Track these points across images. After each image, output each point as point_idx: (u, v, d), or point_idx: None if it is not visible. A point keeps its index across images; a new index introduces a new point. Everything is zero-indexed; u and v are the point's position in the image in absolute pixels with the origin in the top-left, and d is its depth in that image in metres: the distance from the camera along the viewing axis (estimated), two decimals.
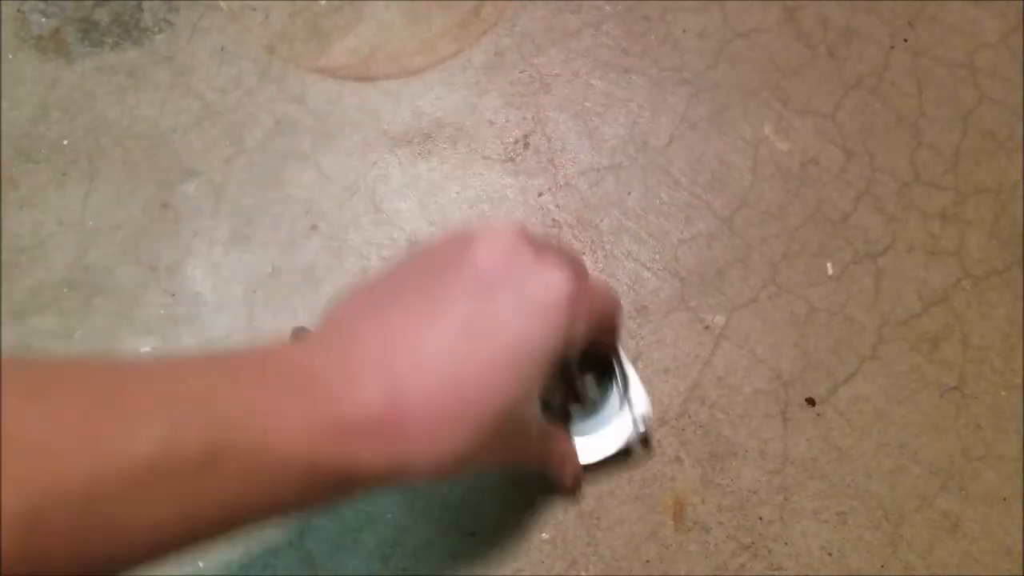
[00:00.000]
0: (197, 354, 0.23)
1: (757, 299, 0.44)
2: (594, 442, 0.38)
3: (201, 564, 0.41)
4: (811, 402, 0.43)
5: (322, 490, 0.23)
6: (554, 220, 0.46)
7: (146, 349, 0.44)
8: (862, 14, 0.50)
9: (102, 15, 0.50)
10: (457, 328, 0.25)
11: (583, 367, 0.39)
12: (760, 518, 0.41)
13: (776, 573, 0.40)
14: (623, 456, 0.40)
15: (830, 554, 0.40)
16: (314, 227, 0.46)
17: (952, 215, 0.46)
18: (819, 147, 0.47)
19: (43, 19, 0.50)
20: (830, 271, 0.45)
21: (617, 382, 0.39)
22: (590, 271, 0.39)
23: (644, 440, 0.41)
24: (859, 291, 0.44)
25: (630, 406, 0.38)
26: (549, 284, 0.27)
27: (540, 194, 0.46)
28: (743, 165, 0.46)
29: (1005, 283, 0.45)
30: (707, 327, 0.44)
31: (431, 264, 0.28)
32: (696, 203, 0.46)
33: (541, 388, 0.28)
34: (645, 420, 0.38)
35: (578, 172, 0.47)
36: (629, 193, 0.46)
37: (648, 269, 0.45)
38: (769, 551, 0.40)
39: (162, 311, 0.44)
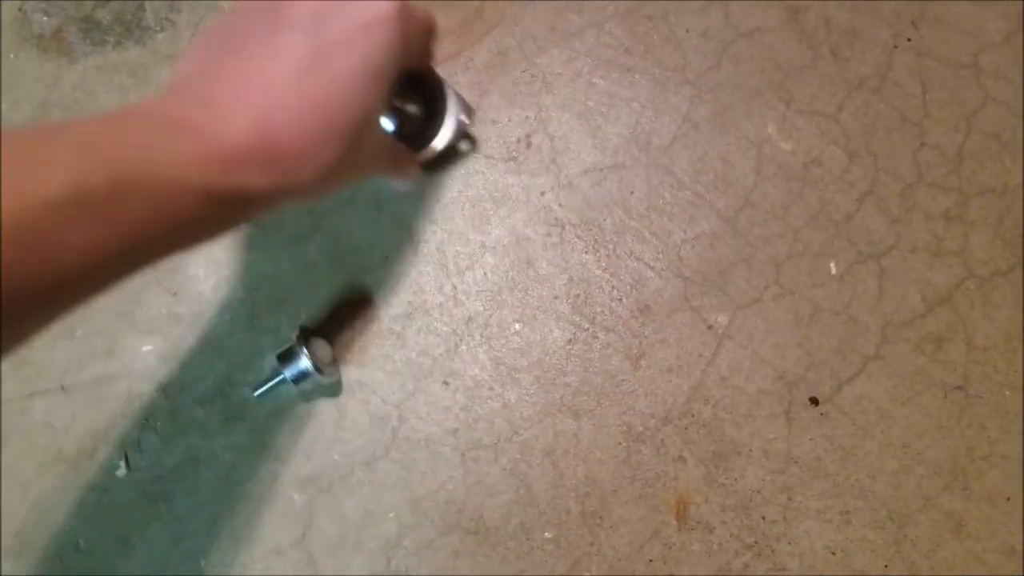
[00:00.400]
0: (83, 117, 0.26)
1: (761, 299, 0.44)
2: (427, 146, 0.43)
3: (203, 563, 0.41)
4: (815, 402, 0.43)
5: (220, 211, 0.26)
6: (557, 219, 0.46)
7: (147, 348, 0.44)
8: (865, 14, 0.50)
9: (104, 14, 0.50)
10: (303, 58, 0.28)
11: (406, 91, 0.41)
12: (763, 518, 0.41)
13: (780, 573, 0.40)
14: (453, 155, 0.46)
15: (834, 554, 0.40)
16: (316, 228, 0.46)
17: (956, 216, 0.46)
18: (822, 147, 0.47)
19: (45, 18, 0.50)
20: (834, 271, 0.45)
21: (437, 98, 0.43)
22: None
23: (466, 136, 0.46)
24: (863, 291, 0.44)
25: (450, 110, 0.43)
26: (374, 5, 0.30)
27: (543, 193, 0.46)
28: (746, 165, 0.47)
29: (1009, 284, 0.45)
30: (711, 327, 0.44)
31: (264, 8, 0.30)
32: (699, 203, 0.46)
33: (385, 100, 0.31)
34: (468, 116, 0.43)
35: (581, 171, 0.47)
36: (632, 193, 0.46)
37: (651, 269, 0.45)
38: (772, 551, 0.40)
39: (164, 310, 0.44)
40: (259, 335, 0.44)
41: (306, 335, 0.42)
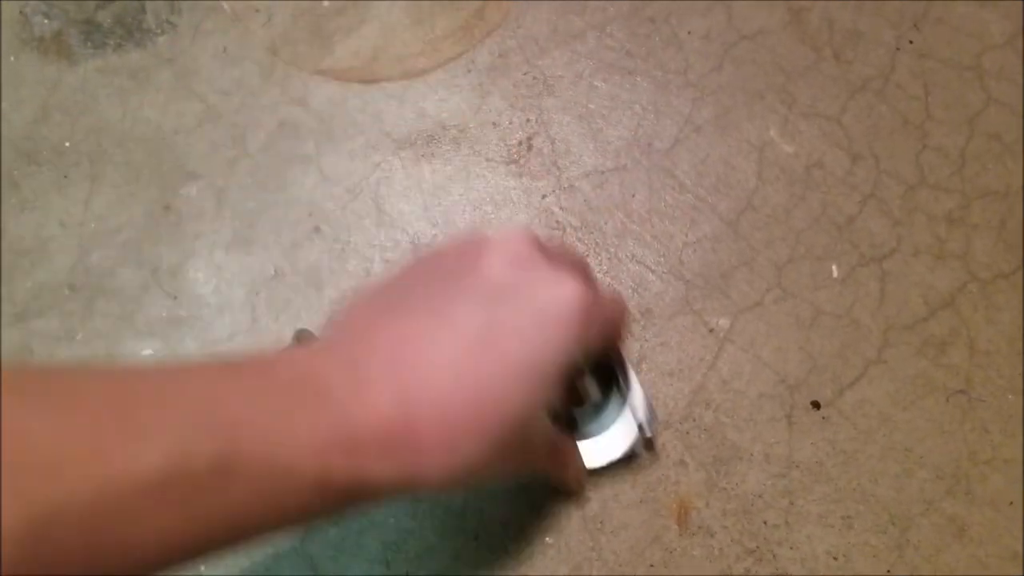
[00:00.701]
0: (202, 360, 0.22)
1: (762, 302, 0.44)
2: (598, 446, 0.38)
3: (203, 568, 0.41)
4: (816, 406, 0.43)
5: (331, 501, 0.23)
6: (558, 222, 0.46)
7: (148, 352, 0.44)
8: (868, 16, 0.50)
9: (104, 17, 0.50)
10: (468, 338, 0.25)
11: (586, 369, 0.39)
12: (765, 522, 0.41)
13: None
14: (627, 460, 0.40)
15: (836, 558, 0.40)
16: (317, 229, 0.46)
17: (958, 218, 0.46)
18: (824, 150, 0.47)
19: (45, 21, 0.50)
20: (835, 274, 0.45)
21: (619, 385, 0.39)
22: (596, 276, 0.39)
23: (648, 444, 0.41)
24: (865, 294, 0.44)
25: (632, 410, 0.38)
26: (561, 295, 0.26)
27: (544, 196, 0.46)
28: (748, 168, 0.47)
29: (1012, 287, 0.45)
30: (712, 330, 0.44)
31: (440, 271, 0.28)
32: (701, 206, 0.46)
33: (552, 398, 0.27)
34: (650, 424, 0.38)
35: (582, 174, 0.47)
36: (633, 196, 0.46)
37: (653, 272, 0.45)
38: (774, 555, 0.40)
39: (164, 313, 0.44)
40: (260, 338, 0.44)
41: (306, 338, 0.42)
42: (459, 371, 0.24)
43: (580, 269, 0.29)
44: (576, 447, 0.37)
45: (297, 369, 0.23)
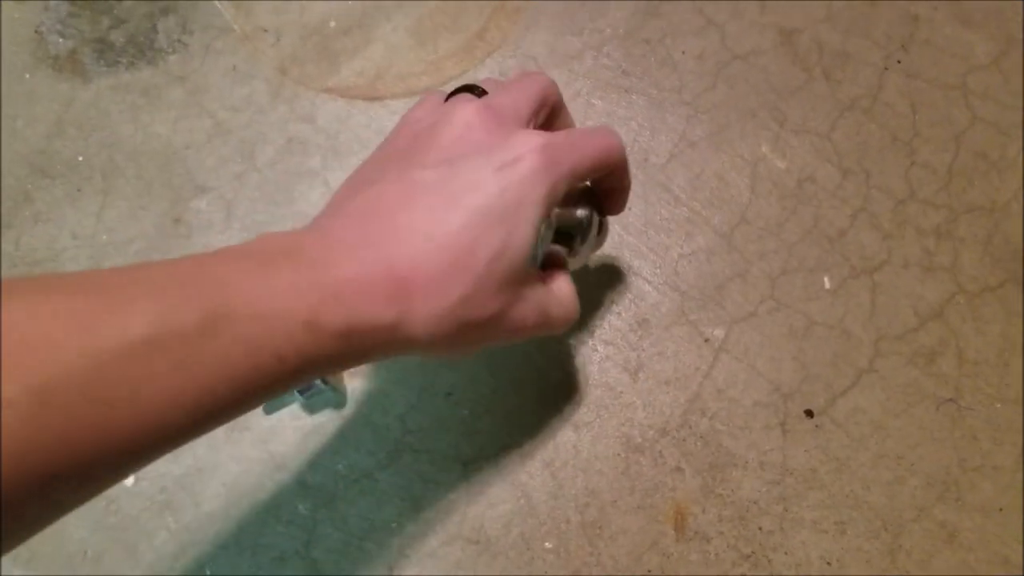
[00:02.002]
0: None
1: (756, 313, 0.46)
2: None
3: (208, 572, 0.42)
4: (810, 414, 0.44)
5: (327, 346, 0.24)
6: None
7: None
8: (856, 37, 0.52)
9: (118, 36, 0.53)
10: (435, 196, 0.27)
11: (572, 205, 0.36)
12: (760, 528, 0.42)
13: None
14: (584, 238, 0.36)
15: (829, 563, 0.42)
16: None
17: (946, 232, 0.48)
18: (816, 165, 0.49)
19: (60, 39, 0.53)
20: (827, 286, 0.46)
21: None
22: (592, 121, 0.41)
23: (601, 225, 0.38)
24: (856, 305, 0.46)
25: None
26: (514, 156, 0.28)
27: None
28: (741, 182, 0.48)
29: (998, 299, 0.46)
30: (707, 340, 0.45)
31: (404, 143, 0.30)
32: (696, 219, 0.48)
33: (534, 238, 0.29)
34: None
35: None
36: (630, 209, 0.48)
37: (649, 283, 0.47)
38: (769, 561, 0.42)
39: None
40: None
41: None
42: (429, 225, 0.26)
43: (537, 131, 0.30)
44: (569, 281, 0.35)
45: (273, 243, 0.25)
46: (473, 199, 0.27)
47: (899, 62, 0.52)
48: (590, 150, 0.31)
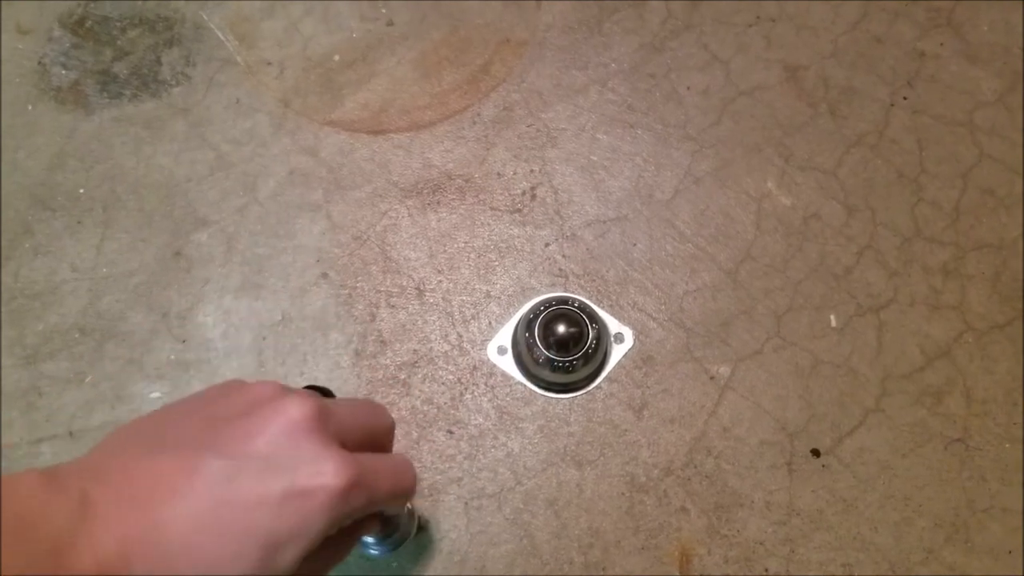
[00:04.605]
0: None
1: (762, 351, 0.48)
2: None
3: None
4: (816, 453, 0.46)
5: None
6: (560, 270, 0.49)
7: (156, 395, 0.47)
8: (862, 73, 0.55)
9: (121, 68, 0.55)
10: (208, 497, 0.26)
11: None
12: (766, 570, 0.43)
13: None
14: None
15: None
16: (324, 275, 0.49)
17: (953, 270, 0.49)
18: (821, 202, 0.51)
19: (63, 71, 0.55)
20: (834, 324, 0.48)
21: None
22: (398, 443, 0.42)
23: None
24: (863, 344, 0.48)
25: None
26: (319, 484, 0.27)
27: (547, 244, 0.50)
28: (747, 219, 0.50)
29: (1007, 337, 0.48)
30: (712, 378, 0.47)
31: (210, 413, 0.28)
32: (701, 255, 0.50)
33: (295, 565, 0.28)
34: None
35: (584, 223, 0.50)
36: (635, 245, 0.50)
37: (654, 320, 0.48)
38: None
39: (172, 356, 0.47)
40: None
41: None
42: (189, 529, 0.25)
43: (353, 458, 0.29)
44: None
45: (23, 497, 0.24)
46: (245, 519, 0.26)
47: (905, 98, 0.54)
48: (392, 487, 0.31)
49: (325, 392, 0.36)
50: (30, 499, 0.25)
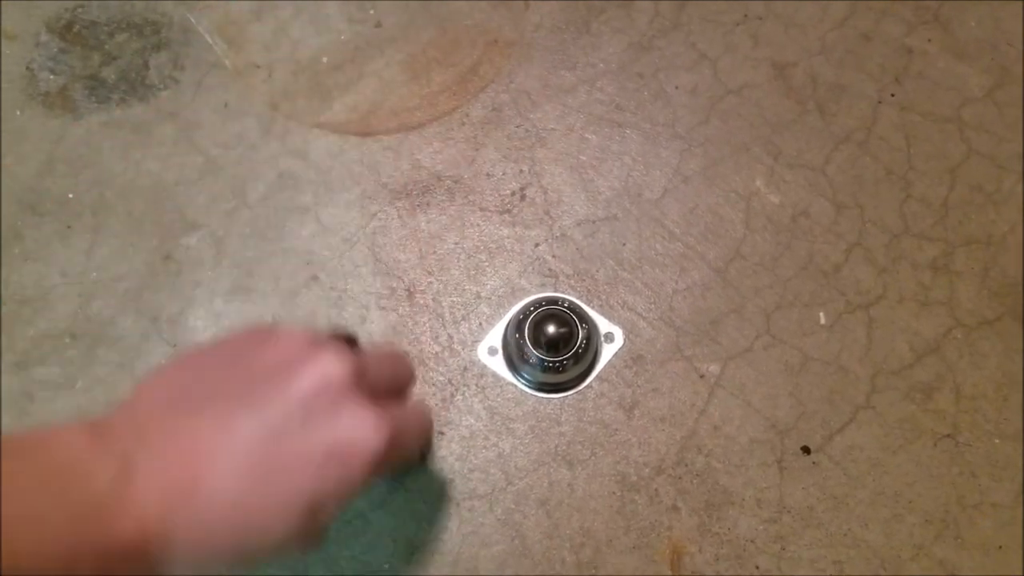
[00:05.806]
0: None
1: (752, 349, 0.48)
2: None
3: None
4: (806, 451, 0.46)
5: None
6: (550, 270, 0.50)
7: None
8: (850, 71, 0.55)
9: (109, 72, 0.55)
10: (248, 460, 0.26)
11: None
12: (757, 567, 0.44)
13: None
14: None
15: None
16: (314, 278, 0.50)
17: (942, 266, 0.50)
18: (810, 200, 0.51)
19: (51, 76, 0.55)
20: (823, 321, 0.49)
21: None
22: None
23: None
24: (852, 341, 0.48)
25: None
26: (360, 438, 0.28)
27: (537, 244, 0.51)
28: (735, 217, 0.51)
29: (996, 333, 0.49)
30: (702, 376, 0.48)
31: (246, 365, 0.28)
32: (690, 254, 0.50)
33: (320, 527, 0.28)
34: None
35: (574, 223, 0.51)
36: (624, 244, 0.50)
37: (644, 319, 0.49)
38: None
39: (164, 360, 0.48)
40: None
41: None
42: (231, 492, 0.26)
43: (384, 412, 0.29)
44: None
45: (67, 453, 0.25)
46: (286, 481, 0.26)
47: (893, 95, 0.55)
48: (416, 437, 0.33)
49: (351, 338, 0.35)
50: (75, 456, 0.25)
